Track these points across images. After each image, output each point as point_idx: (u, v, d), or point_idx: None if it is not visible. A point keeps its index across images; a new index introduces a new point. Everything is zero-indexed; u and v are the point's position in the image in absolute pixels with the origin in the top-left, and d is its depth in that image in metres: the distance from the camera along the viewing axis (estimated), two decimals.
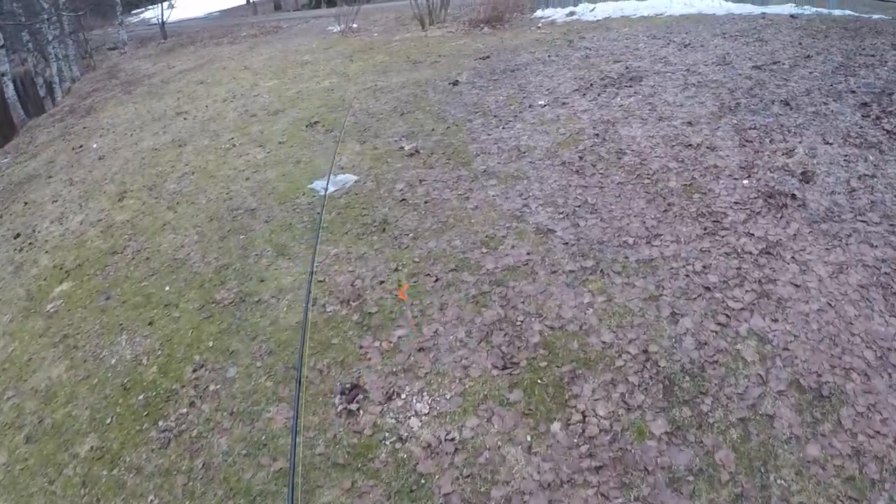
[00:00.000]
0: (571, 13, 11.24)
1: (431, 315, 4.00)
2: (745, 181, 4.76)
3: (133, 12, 28.45)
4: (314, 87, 9.60)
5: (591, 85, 7.09)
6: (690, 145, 5.33)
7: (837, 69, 6.48)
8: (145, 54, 17.49)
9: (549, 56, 8.66)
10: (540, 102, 6.85)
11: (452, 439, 3.21)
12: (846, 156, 4.90)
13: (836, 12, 9.40)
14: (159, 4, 20.29)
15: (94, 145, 9.29)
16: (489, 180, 5.37)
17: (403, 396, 3.50)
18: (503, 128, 6.34)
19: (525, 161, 5.57)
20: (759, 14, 9.39)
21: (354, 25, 14.50)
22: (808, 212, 4.38)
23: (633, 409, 3.23)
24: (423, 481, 3.06)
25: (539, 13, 12.00)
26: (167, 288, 4.88)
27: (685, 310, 3.74)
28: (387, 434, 3.31)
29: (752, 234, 4.23)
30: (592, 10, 11.05)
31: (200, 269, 5.02)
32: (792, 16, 9.11)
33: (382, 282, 4.35)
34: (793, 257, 4.03)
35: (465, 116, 6.86)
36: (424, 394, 3.49)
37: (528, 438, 3.17)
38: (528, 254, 4.36)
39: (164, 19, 19.49)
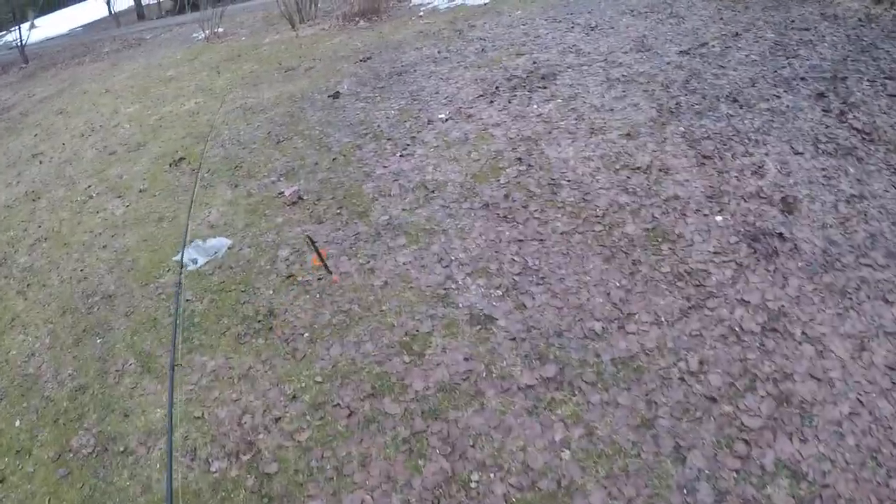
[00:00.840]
0: None
1: (351, 477, 2.73)
2: (718, 217, 3.73)
3: None
4: (178, 111, 7.95)
5: (497, 87, 5.86)
6: (638, 168, 4.25)
7: (775, 49, 5.64)
8: (6, 82, 15.01)
9: (438, 52, 7.35)
10: (440, 116, 5.56)
11: None
12: (824, 169, 3.99)
13: None
14: (18, 27, 17.27)
15: None
16: (396, 238, 4.06)
17: None
18: (401, 155, 5.02)
19: (436, 205, 4.30)
20: None
21: (220, 30, 12.70)
22: (803, 259, 3.41)
23: None
24: None
25: (417, 0, 10.57)
26: (18, 423, 3.57)
27: (692, 439, 2.65)
28: None
29: (748, 302, 3.20)
30: None
31: (54, 391, 3.70)
32: None
33: (279, 419, 2.99)
34: (804, 333, 3.04)
35: (353, 141, 5.47)
36: None
37: None
38: (465, 359, 3.15)
39: (24, 42, 16.77)
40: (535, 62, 6.31)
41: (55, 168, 7.23)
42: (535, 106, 5.35)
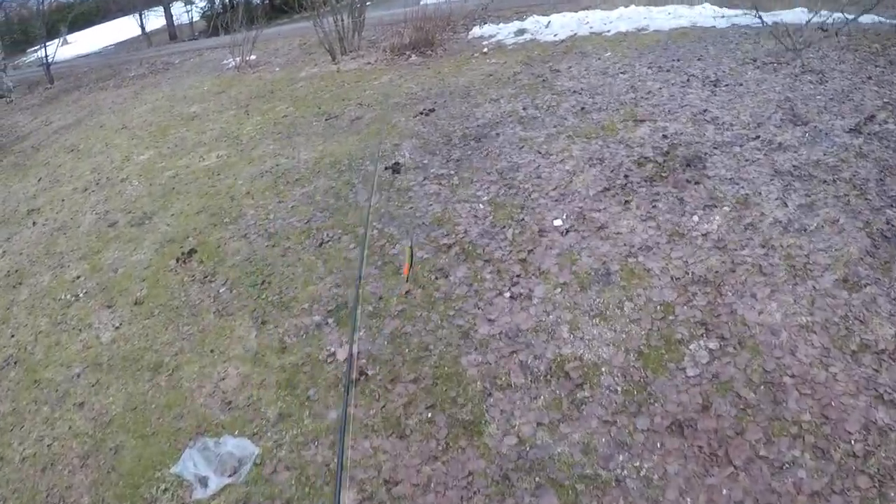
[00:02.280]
0: (521, 31, 8.41)
1: None
2: None
3: (28, 51, 24.07)
4: (196, 167, 6.64)
5: (626, 176, 4.38)
6: (882, 351, 2.75)
7: None
8: (29, 104, 13.99)
9: (524, 109, 5.84)
10: (555, 222, 4.07)
11: None
12: None
13: (864, 19, 7.09)
14: (48, 43, 16.40)
15: None
16: (540, 498, 2.53)
17: None
18: (511, 296, 3.59)
19: (592, 417, 2.84)
20: (771, 24, 6.93)
21: (252, 57, 11.26)
22: None
23: None
24: None
25: (477, 31, 9.06)
26: None
27: None
28: None
29: None
30: (548, 24, 8.28)
31: None
32: (822, 28, 6.69)
33: None
34: None
35: (433, 258, 3.99)
36: None
37: None
38: None
39: (50, 60, 15.55)
40: (664, 135, 4.80)
41: (47, 236, 6.02)
42: (695, 217, 3.84)
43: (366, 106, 6.99)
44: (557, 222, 4.07)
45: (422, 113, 6.28)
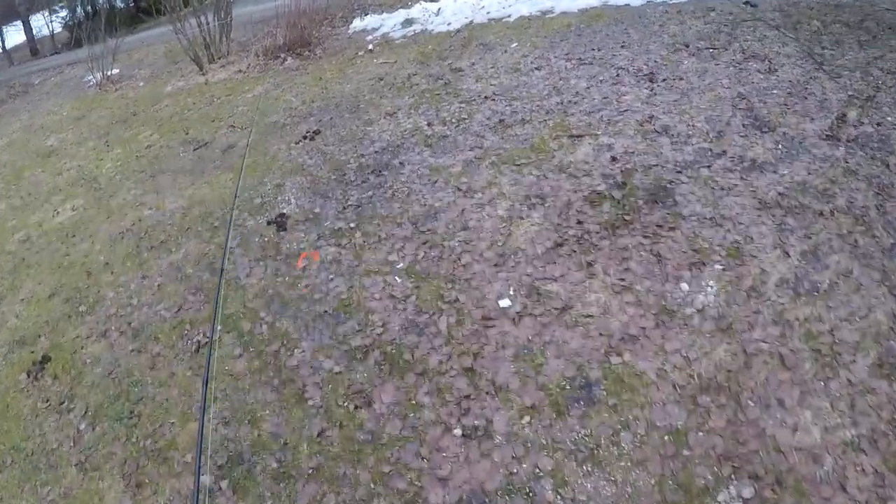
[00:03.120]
0: (409, 21, 7.18)
1: None
2: None
3: None
4: (50, 224, 5.31)
5: (580, 222, 3.47)
6: None
7: None
8: None
9: (427, 122, 4.75)
10: (501, 302, 3.09)
11: None
12: None
13: None
14: None
15: None
16: None
17: None
18: (470, 440, 2.69)
19: None
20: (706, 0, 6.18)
21: (115, 71, 9.56)
22: None
23: None
24: None
25: (359, 24, 7.72)
26: None
27: None
28: None
29: None
30: (438, 11, 7.11)
31: None
32: (749, 3, 6.00)
33: None
34: None
35: (346, 376, 2.99)
36: None
37: None
38: None
39: None
40: (612, 157, 3.88)
41: None
42: (683, 284, 2.95)
43: (239, 129, 5.59)
44: (504, 302, 3.03)
45: (305, 137, 4.99)
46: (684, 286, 2.97)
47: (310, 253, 3.54)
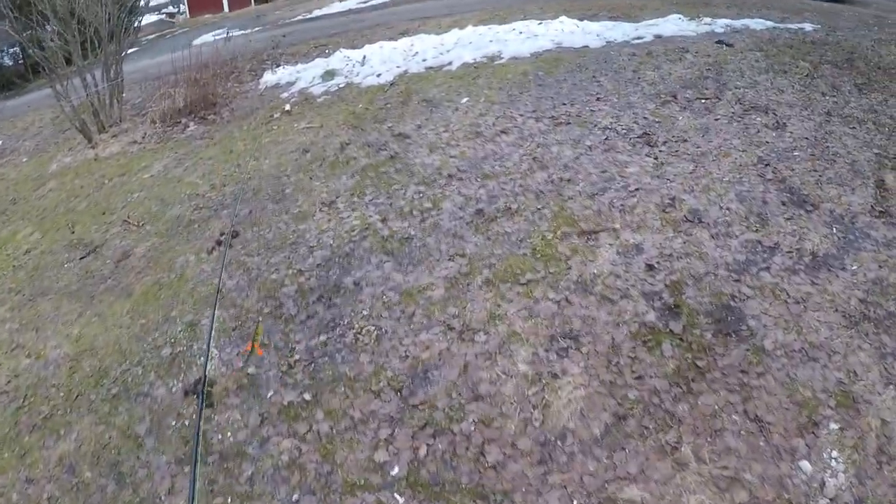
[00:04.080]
0: (330, 73, 6.05)
1: None
2: None
3: None
4: None
5: (639, 377, 2.46)
6: None
7: None
8: None
9: (381, 218, 3.69)
10: None
11: None
12: None
13: (756, 25, 5.96)
14: None
15: None
16: None
17: None
18: None
19: None
20: (674, 40, 5.49)
21: None
22: None
23: None
24: None
25: (271, 78, 6.48)
26: None
27: None
28: None
29: None
30: (363, 60, 6.00)
31: None
32: (724, 43, 5.37)
33: None
34: None
35: None
36: None
37: None
38: None
39: None
40: (649, 265, 2.91)
41: None
42: (803, 462, 2.08)
43: (136, 226, 4.24)
44: None
45: (219, 242, 3.71)
46: (805, 465, 2.01)
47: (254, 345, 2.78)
